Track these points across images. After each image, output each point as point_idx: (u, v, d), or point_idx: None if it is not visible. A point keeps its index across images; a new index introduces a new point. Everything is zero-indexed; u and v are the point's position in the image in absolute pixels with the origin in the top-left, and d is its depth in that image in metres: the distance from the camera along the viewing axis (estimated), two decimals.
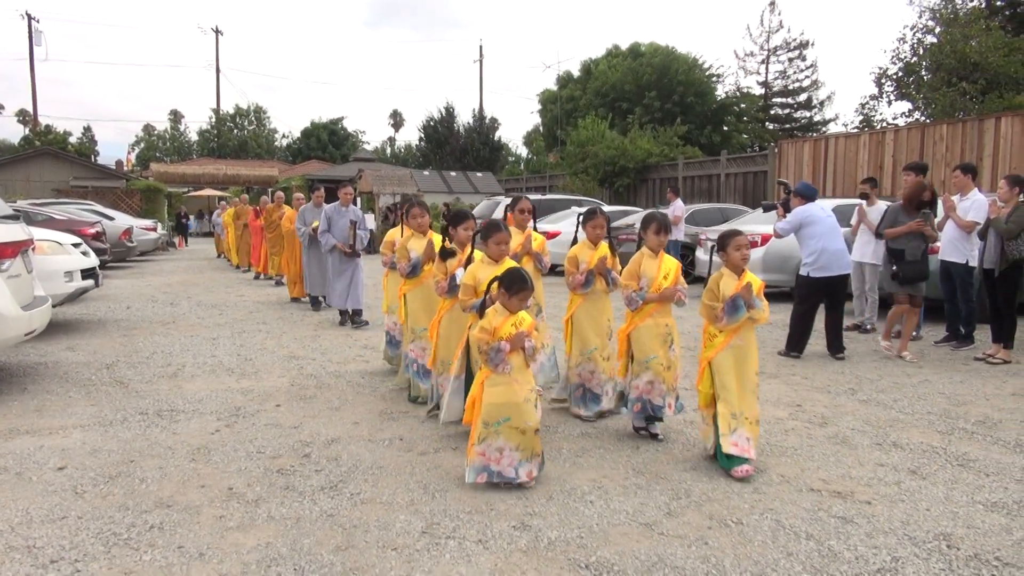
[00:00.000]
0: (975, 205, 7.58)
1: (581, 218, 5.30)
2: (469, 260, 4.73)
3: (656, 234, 4.77)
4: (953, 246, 7.70)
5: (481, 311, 3.98)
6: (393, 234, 6.22)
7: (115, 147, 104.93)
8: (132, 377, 6.38)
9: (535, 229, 5.74)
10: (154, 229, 21.46)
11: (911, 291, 7.30)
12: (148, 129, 66.52)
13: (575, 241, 5.29)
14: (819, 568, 3.08)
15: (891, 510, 3.66)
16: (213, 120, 57.78)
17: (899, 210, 7.53)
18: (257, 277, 15.17)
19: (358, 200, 11.21)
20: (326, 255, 9.45)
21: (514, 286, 3.88)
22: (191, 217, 34.57)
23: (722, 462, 4.14)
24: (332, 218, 9.28)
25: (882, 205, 8.60)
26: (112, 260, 15.96)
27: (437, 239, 5.46)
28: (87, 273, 8.96)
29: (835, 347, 7.35)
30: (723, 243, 4.39)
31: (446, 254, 4.95)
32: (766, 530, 3.44)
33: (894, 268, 7.33)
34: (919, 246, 7.28)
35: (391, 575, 3.01)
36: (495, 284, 3.98)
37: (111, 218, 18.03)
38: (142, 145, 64.92)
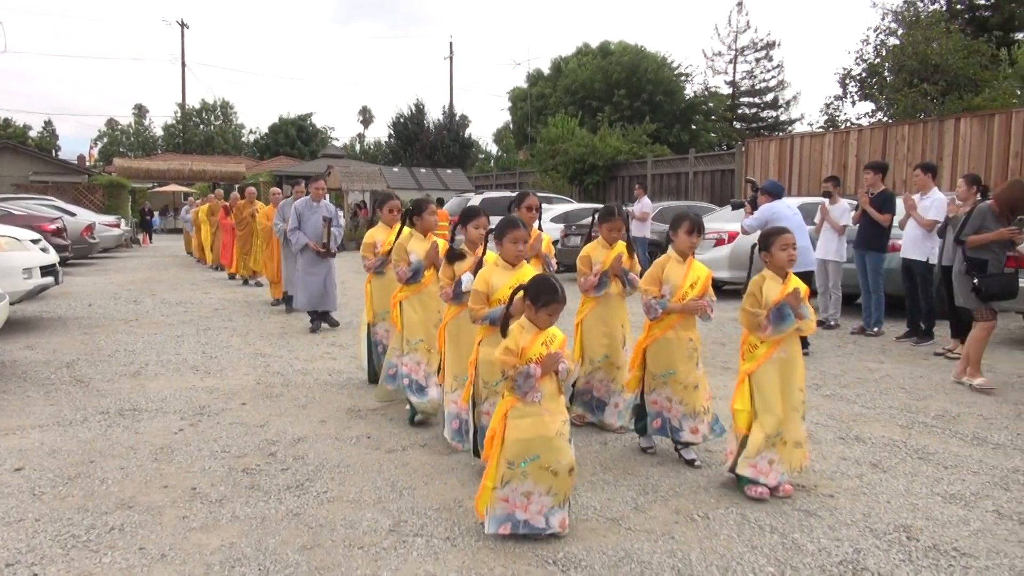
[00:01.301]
0: (935, 204, 7.74)
1: (596, 216, 4.91)
2: (480, 264, 4.14)
3: (688, 235, 4.23)
4: (914, 244, 7.86)
5: (503, 328, 3.32)
6: (374, 234, 5.79)
7: (77, 142, 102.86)
8: (93, 376, 6.26)
9: (540, 228, 5.23)
10: (117, 225, 21.04)
11: (986, 307, 6.06)
12: (111, 124, 65.23)
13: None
14: (783, 560, 3.12)
15: (853, 503, 3.72)
16: (178, 115, 56.83)
17: (987, 213, 6.21)
18: (232, 277, 14.37)
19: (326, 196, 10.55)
20: (296, 254, 8.82)
21: (542, 296, 3.26)
22: (156, 213, 33.96)
23: (738, 480, 3.84)
24: (303, 214, 8.64)
25: (844, 203, 8.75)
26: (73, 257, 15.62)
27: (442, 243, 4.95)
28: (47, 270, 8.76)
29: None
30: (766, 242, 3.90)
31: (454, 256, 4.42)
32: (731, 524, 3.48)
33: (975, 282, 6.05)
34: (1002, 256, 6.16)
35: (357, 574, 2.99)
36: (519, 294, 3.35)
37: (73, 214, 17.65)
38: (105, 140, 63.63)
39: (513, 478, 3.23)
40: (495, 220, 4.16)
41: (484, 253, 4.20)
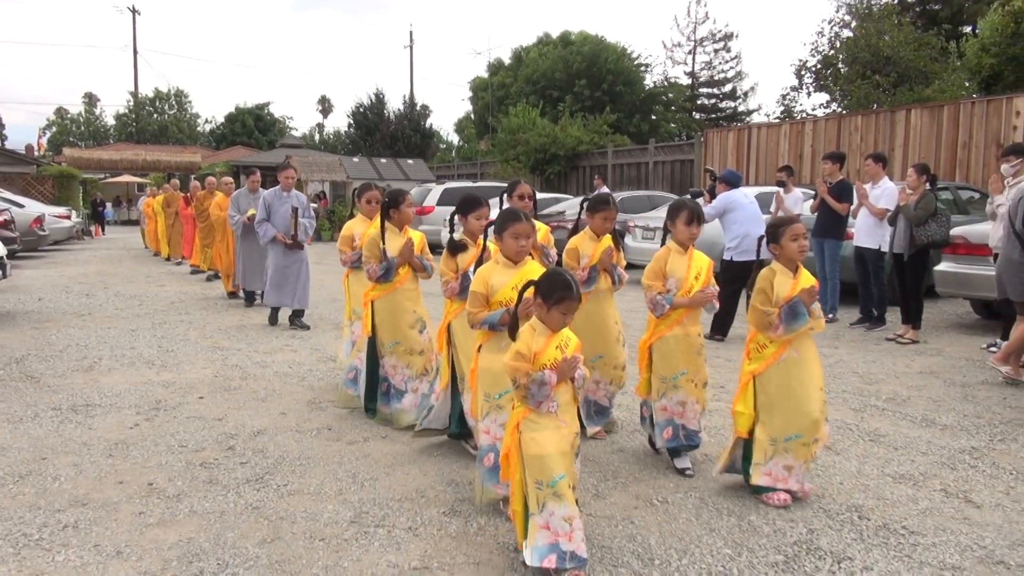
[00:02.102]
0: (886, 193, 7.92)
1: (586, 204, 4.53)
2: (481, 260, 3.81)
3: (688, 225, 3.97)
4: (866, 232, 8.04)
5: (512, 330, 3.00)
6: (352, 227, 5.40)
7: (25, 131, 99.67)
8: (44, 371, 6.10)
9: (536, 218, 4.70)
10: (68, 217, 20.49)
11: None
12: (61, 112, 63.37)
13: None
14: (740, 542, 3.19)
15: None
16: (131, 104, 55.49)
17: None
18: (195, 271, 13.57)
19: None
20: (266, 247, 8.33)
21: (555, 294, 2.88)
22: (108, 205, 33.14)
23: (752, 489, 3.62)
24: (272, 205, 8.09)
25: (798, 192, 8.91)
26: (22, 249, 15.18)
27: (417, 237, 4.70)
28: None
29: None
30: (775, 233, 3.63)
31: (456, 247, 4.04)
32: (690, 507, 3.54)
33: None
34: None
35: (319, 565, 2.98)
36: (529, 291, 3.01)
37: (21, 205, 17.11)
38: (54, 129, 61.81)
39: (548, 500, 2.83)
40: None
41: (484, 248, 3.85)
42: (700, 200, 10.28)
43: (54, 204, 22.79)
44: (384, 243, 4.62)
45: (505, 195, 4.68)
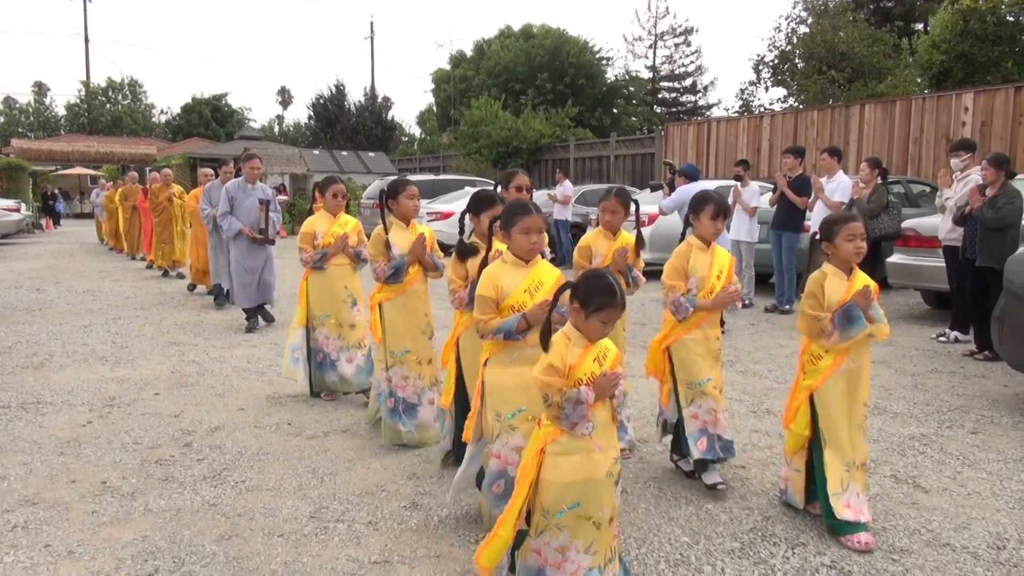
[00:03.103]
0: (840, 186, 8.09)
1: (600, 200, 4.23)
2: (486, 260, 3.36)
3: (713, 219, 3.67)
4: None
5: (544, 339, 2.60)
6: (313, 223, 5.10)
7: None
8: None
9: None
10: (17, 210, 19.91)
11: None
12: (9, 102, 61.40)
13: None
14: (697, 530, 3.24)
15: (763, 473, 3.89)
16: (83, 94, 54.01)
17: None
18: (150, 267, 13.19)
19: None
20: (228, 242, 7.85)
21: (595, 299, 2.51)
22: (59, 197, 32.22)
23: (833, 527, 3.18)
24: (236, 197, 7.55)
25: (755, 186, 9.04)
26: None
27: (429, 232, 4.35)
28: None
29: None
30: (829, 231, 3.27)
31: (466, 252, 3.59)
32: (649, 497, 3.58)
33: None
34: None
35: (277, 561, 2.96)
36: (565, 295, 2.65)
37: None
38: (2, 119, 59.93)
39: (548, 528, 2.56)
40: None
41: (491, 248, 3.39)
42: (659, 193, 10.40)
43: (2, 197, 22.14)
44: (389, 239, 4.22)
45: (499, 185, 4.24)
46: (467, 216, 3.70)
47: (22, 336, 7.21)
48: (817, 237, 3.41)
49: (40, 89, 61.86)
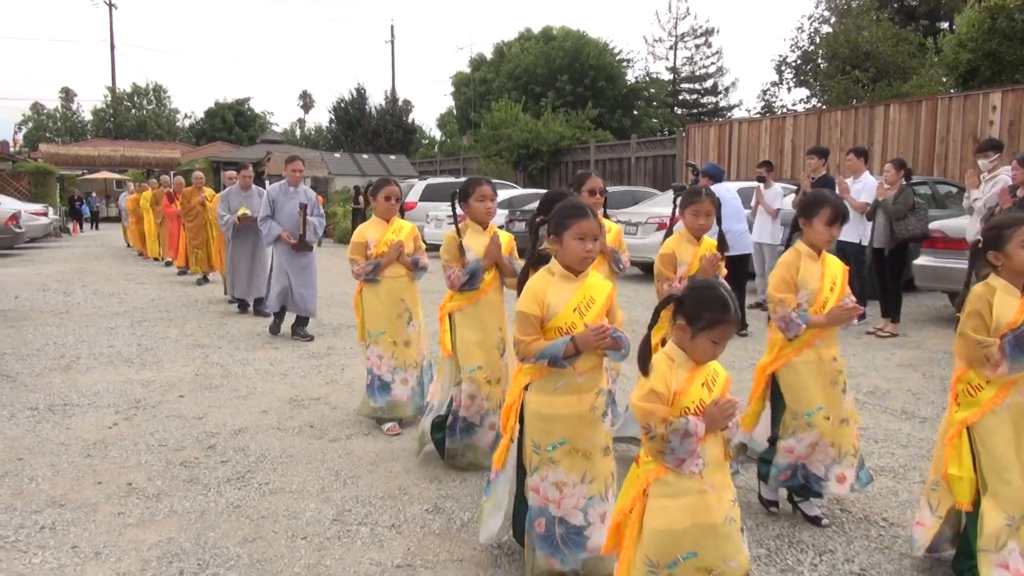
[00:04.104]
0: (866, 187, 7.98)
1: (679, 200, 3.86)
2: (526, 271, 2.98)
3: (829, 225, 3.23)
4: (848, 226, 8.04)
5: (643, 361, 2.26)
6: (365, 231, 4.61)
7: (0, 126, 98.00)
8: (20, 370, 6.01)
9: (606, 216, 4.13)
10: (45, 214, 20.22)
11: None
12: (37, 108, 62.50)
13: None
14: None
15: None
16: (108, 99, 54.78)
17: None
18: (182, 273, 12.58)
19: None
20: (269, 249, 7.48)
21: (704, 314, 2.19)
22: (84, 201, 32.68)
23: None
24: (277, 201, 7.18)
25: (778, 187, 8.95)
26: None
27: (505, 236, 3.95)
28: None
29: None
30: (998, 236, 2.73)
31: (541, 260, 2.97)
32: None
33: None
34: None
35: (301, 564, 2.96)
36: (669, 309, 2.30)
37: None
38: (30, 125, 60.97)
39: None
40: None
41: (533, 255, 2.97)
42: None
43: (31, 201, 22.50)
44: (463, 243, 3.86)
45: (572, 188, 3.98)
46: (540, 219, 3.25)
47: (50, 338, 7.31)
48: (980, 245, 2.85)
49: (67, 95, 62.90)
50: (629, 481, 2.32)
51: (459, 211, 3.90)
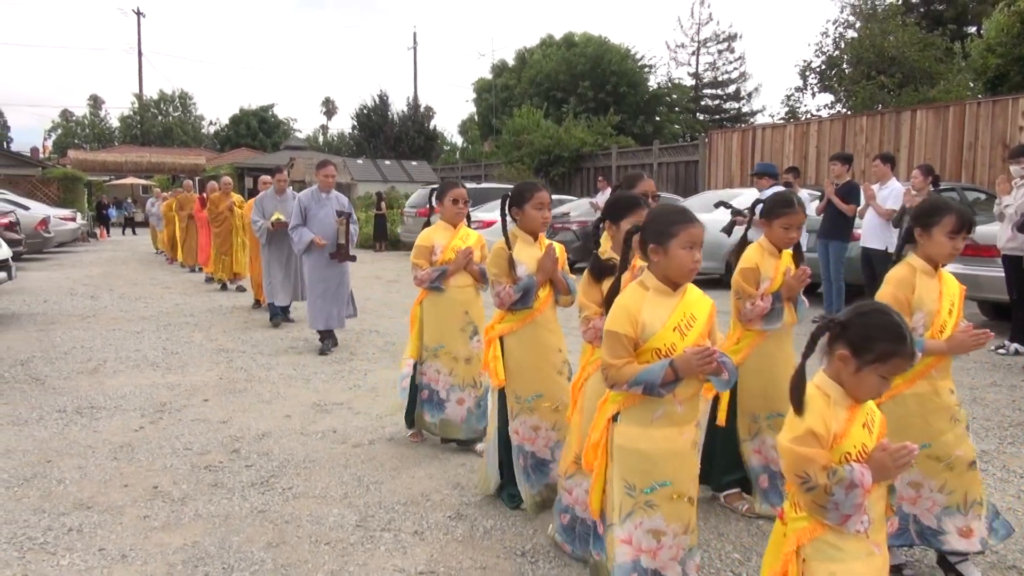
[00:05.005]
0: (893, 193, 7.88)
1: (759, 207, 3.49)
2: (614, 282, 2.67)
3: (952, 236, 2.77)
4: (874, 233, 7.99)
5: (797, 399, 1.92)
6: (431, 235, 4.25)
7: (30, 133, 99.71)
8: (49, 373, 6.10)
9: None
10: (73, 219, 20.54)
11: None
12: (66, 115, 63.62)
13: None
14: (749, 547, 3.16)
15: None
16: (135, 106, 55.62)
17: None
18: (210, 280, 12.38)
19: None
20: (300, 258, 7.14)
21: (876, 344, 1.89)
22: (122, 205, 33.15)
23: None
24: (309, 208, 6.83)
25: (804, 194, 8.86)
26: (27, 252, 15.22)
27: (560, 247, 3.55)
28: None
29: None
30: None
31: (603, 269, 2.83)
32: (700, 512, 3.50)
33: None
34: None
35: (324, 570, 2.96)
36: (830, 332, 1.97)
37: (26, 207, 17.16)
38: (59, 131, 62.08)
39: None
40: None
41: (625, 266, 2.59)
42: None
43: (59, 206, 22.86)
44: (513, 256, 3.45)
45: (623, 189, 3.63)
46: (604, 223, 2.97)
47: (77, 342, 7.41)
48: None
49: (95, 102, 63.96)
50: (775, 543, 2.02)
51: (508, 220, 3.54)
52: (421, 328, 4.26)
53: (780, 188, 7.64)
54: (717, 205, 10.39)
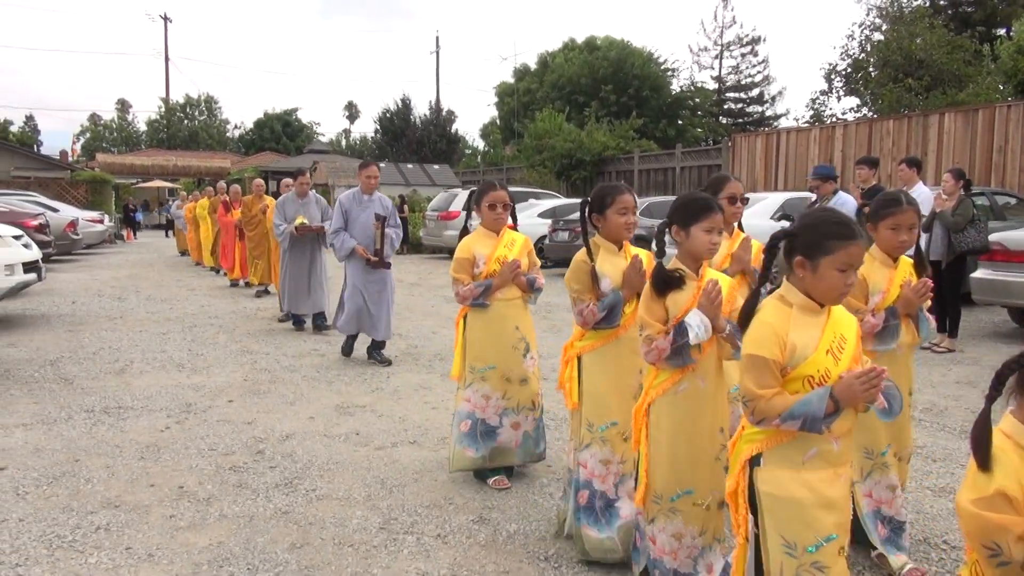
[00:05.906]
0: (920, 198, 7.75)
1: (867, 210, 3.10)
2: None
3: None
4: None
5: (980, 449, 1.60)
6: (471, 245, 3.83)
7: (59, 137, 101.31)
8: (77, 374, 6.18)
9: (741, 228, 3.53)
10: (101, 221, 20.85)
11: None
12: (94, 119, 64.60)
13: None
14: None
15: None
16: (162, 110, 56.35)
17: None
18: (234, 284, 12.22)
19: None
20: (344, 265, 6.74)
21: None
22: (139, 209, 33.62)
23: None
24: (351, 211, 6.51)
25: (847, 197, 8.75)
26: (56, 253, 15.42)
27: (646, 255, 3.07)
28: (29, 267, 8.64)
29: None
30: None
31: (668, 281, 2.56)
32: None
33: None
34: None
35: (347, 572, 2.97)
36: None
37: (55, 210, 17.44)
38: (87, 135, 63.03)
39: None
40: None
41: (767, 278, 2.26)
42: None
43: (87, 209, 23.22)
44: (596, 268, 3.01)
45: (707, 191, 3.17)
46: (671, 228, 2.63)
47: (104, 343, 7.50)
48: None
49: (123, 106, 64.87)
50: None
51: (589, 227, 3.12)
52: (465, 347, 3.84)
53: (843, 193, 7.51)
54: (780, 218, 10.20)
